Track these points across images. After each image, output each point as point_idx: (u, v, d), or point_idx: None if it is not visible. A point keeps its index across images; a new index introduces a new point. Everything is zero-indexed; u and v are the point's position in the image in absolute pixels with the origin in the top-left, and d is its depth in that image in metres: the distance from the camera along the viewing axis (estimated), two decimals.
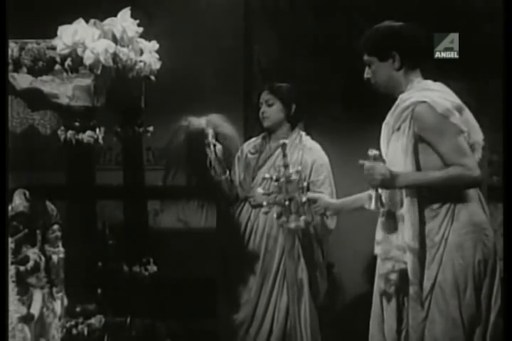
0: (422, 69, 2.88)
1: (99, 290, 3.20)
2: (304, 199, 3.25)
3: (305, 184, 3.46)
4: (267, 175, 3.33)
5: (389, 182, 2.73)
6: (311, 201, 3.29)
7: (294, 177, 3.26)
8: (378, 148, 2.91)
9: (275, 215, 3.29)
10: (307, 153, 3.76)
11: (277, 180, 3.27)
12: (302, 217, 3.27)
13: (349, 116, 4.63)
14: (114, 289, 3.34)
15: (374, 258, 4.61)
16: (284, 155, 3.28)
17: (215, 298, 3.88)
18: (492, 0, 3.95)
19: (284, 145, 3.29)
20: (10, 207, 3.05)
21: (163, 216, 4.95)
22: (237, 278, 3.78)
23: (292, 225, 3.27)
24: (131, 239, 3.53)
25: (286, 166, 3.27)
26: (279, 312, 3.72)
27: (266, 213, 3.44)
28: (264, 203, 3.33)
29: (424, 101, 2.75)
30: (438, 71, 2.92)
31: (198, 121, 3.68)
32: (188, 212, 4.84)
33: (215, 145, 3.66)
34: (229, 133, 3.71)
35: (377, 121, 3.07)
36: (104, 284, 3.23)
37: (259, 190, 3.42)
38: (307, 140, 3.83)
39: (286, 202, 3.24)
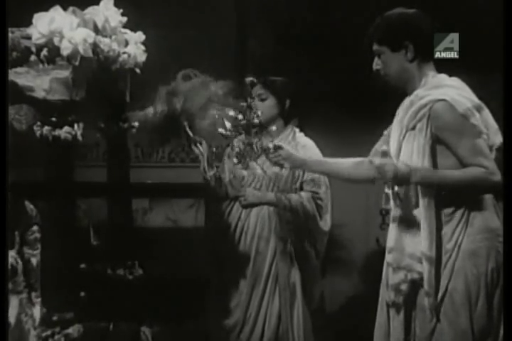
0: (435, 62, 2.75)
1: (82, 294, 3.12)
2: (268, 145, 3.05)
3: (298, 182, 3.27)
4: (232, 113, 3.10)
5: (405, 177, 2.58)
6: (275, 148, 3.06)
7: (256, 121, 3.07)
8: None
9: (235, 160, 3.10)
10: (301, 150, 3.63)
11: (240, 120, 3.07)
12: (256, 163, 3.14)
13: (346, 112, 4.54)
14: (96, 293, 3.23)
15: (369, 259, 4.58)
16: (252, 97, 3.12)
17: (204, 301, 3.80)
18: (492, 0, 3.87)
19: (252, 83, 3.11)
20: None
21: (151, 215, 4.84)
22: (228, 281, 3.68)
23: (244, 172, 3.12)
24: (115, 241, 3.43)
25: (250, 107, 3.09)
26: (271, 317, 3.63)
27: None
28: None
29: (443, 100, 2.61)
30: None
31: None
32: (178, 210, 4.78)
33: (201, 143, 3.50)
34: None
35: (375, 118, 3.00)
36: (86, 288, 3.14)
37: (250, 189, 3.25)
38: (301, 137, 3.73)
39: (242, 146, 3.06)
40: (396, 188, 2.67)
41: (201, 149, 3.49)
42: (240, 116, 3.07)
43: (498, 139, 2.66)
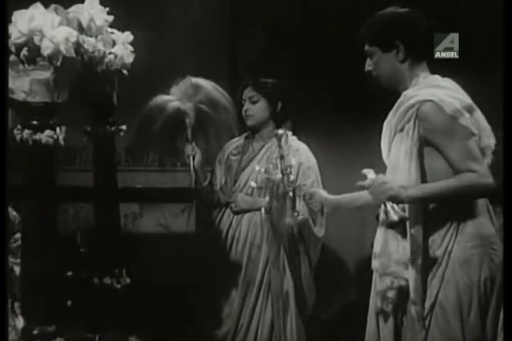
0: (428, 62, 2.67)
1: (68, 303, 3.07)
2: (301, 193, 3.08)
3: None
4: (257, 168, 3.15)
5: (397, 198, 2.51)
6: (308, 196, 3.03)
7: (289, 170, 3.12)
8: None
9: (263, 210, 3.12)
10: (293, 154, 3.55)
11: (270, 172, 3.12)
12: (299, 214, 3.12)
13: (339, 115, 4.45)
14: (82, 303, 3.15)
15: (364, 265, 4.49)
16: (280, 146, 3.12)
17: (195, 310, 3.70)
18: (492, 0, 3.84)
19: (278, 136, 3.14)
20: None
21: (142, 220, 4.76)
22: (218, 290, 3.59)
23: (289, 220, 3.12)
24: (102, 247, 3.34)
25: (282, 158, 3.11)
26: (263, 326, 3.54)
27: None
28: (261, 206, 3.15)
29: (430, 100, 2.53)
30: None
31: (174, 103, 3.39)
32: (169, 215, 4.70)
33: (193, 157, 3.44)
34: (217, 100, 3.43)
35: (369, 120, 2.94)
36: (70, 298, 3.09)
37: (241, 195, 3.16)
38: (293, 140, 3.64)
39: (281, 198, 3.07)
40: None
41: (193, 163, 3.43)
42: (270, 169, 3.14)
43: (491, 141, 2.59)
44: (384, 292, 2.61)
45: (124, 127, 3.32)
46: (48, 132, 2.61)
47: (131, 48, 3.16)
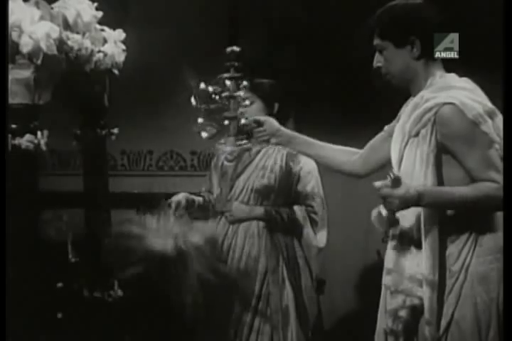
0: (443, 60, 2.54)
1: (59, 315, 2.94)
2: (247, 120, 2.84)
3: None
4: (203, 86, 2.87)
5: (412, 202, 2.36)
6: (257, 124, 2.86)
7: (239, 93, 2.85)
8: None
9: (206, 134, 2.87)
10: (291, 158, 3.43)
11: (219, 93, 2.83)
12: (243, 141, 2.87)
13: (341, 116, 4.35)
14: (70, 318, 2.99)
15: (370, 274, 4.36)
16: (235, 67, 2.88)
17: (190, 326, 3.49)
18: (492, 0, 3.74)
19: (232, 52, 2.90)
20: None
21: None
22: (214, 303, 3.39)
23: (228, 149, 2.91)
24: (91, 258, 3.17)
25: (231, 78, 2.85)
26: None
27: (199, 133, 2.95)
28: (200, 120, 2.88)
29: (451, 103, 2.37)
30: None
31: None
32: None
33: None
34: None
35: (372, 122, 2.86)
36: (56, 313, 2.94)
37: (237, 203, 2.93)
38: None
39: (226, 122, 2.82)
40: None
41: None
42: (218, 89, 2.85)
43: None
44: (395, 311, 2.46)
45: (115, 130, 3.17)
46: (28, 136, 2.44)
47: (123, 47, 3.01)
